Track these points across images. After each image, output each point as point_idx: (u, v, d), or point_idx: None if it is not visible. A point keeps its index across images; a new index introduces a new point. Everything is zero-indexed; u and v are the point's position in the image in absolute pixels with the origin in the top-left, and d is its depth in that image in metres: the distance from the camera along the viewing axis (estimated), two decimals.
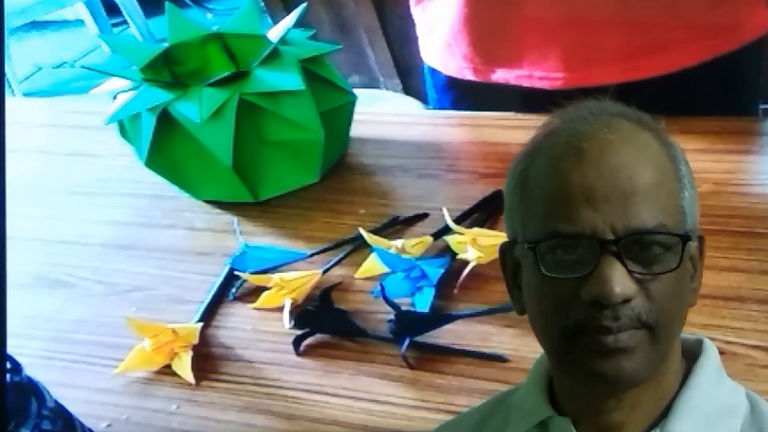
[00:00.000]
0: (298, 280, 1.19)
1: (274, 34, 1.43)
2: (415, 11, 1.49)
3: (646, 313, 0.61)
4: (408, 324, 1.09)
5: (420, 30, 1.51)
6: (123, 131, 1.42)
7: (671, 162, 0.64)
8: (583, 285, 0.61)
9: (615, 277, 0.60)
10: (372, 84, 2.53)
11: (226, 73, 1.37)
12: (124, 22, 3.99)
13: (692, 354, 0.69)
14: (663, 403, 0.66)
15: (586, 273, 0.61)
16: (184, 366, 1.10)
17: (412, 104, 2.03)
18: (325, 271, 1.22)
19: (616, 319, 0.60)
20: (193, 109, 1.31)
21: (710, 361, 0.68)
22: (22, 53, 3.94)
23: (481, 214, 1.26)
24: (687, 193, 0.64)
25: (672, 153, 0.65)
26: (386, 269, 1.18)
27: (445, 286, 1.15)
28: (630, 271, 0.60)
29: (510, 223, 0.67)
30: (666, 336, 0.63)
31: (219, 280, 1.23)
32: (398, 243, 1.21)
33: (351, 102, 1.45)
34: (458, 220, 1.23)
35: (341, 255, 1.24)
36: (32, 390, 0.87)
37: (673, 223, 0.62)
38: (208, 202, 1.41)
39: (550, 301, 0.63)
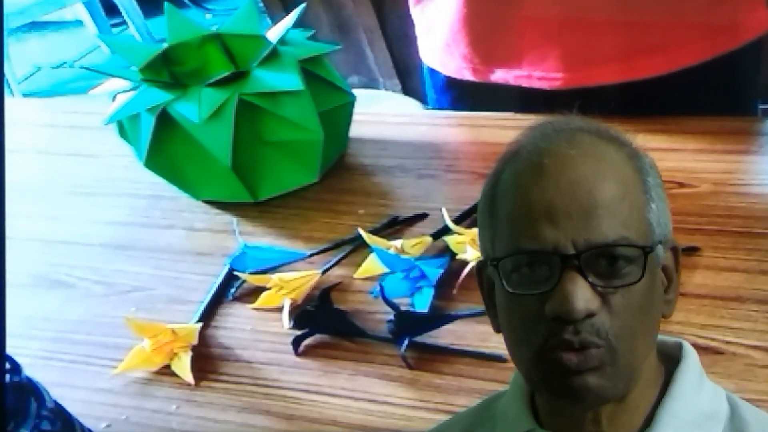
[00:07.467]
0: (297, 281, 1.19)
1: (274, 34, 1.43)
2: (415, 11, 1.49)
3: (606, 329, 0.60)
4: (407, 324, 1.09)
5: (419, 30, 1.51)
6: (122, 131, 1.42)
7: (637, 174, 0.63)
8: (547, 301, 0.60)
9: (576, 293, 0.59)
10: (371, 84, 2.53)
11: (225, 74, 1.37)
12: (123, 22, 3.99)
13: (672, 358, 0.68)
14: (643, 414, 0.65)
15: (549, 289, 0.60)
16: (183, 366, 1.10)
17: (411, 104, 2.03)
18: (324, 272, 1.22)
19: (577, 333, 0.60)
20: (192, 109, 1.31)
21: (690, 368, 0.67)
22: (21, 53, 3.93)
23: None
24: (654, 205, 0.64)
25: (639, 165, 0.64)
26: (386, 269, 1.18)
27: (444, 286, 1.15)
28: (592, 285, 0.60)
29: (482, 242, 0.67)
30: (629, 351, 0.62)
31: (218, 281, 1.23)
32: (398, 243, 1.21)
33: (350, 102, 1.45)
34: (457, 220, 1.23)
35: (340, 255, 1.24)
36: (31, 390, 0.87)
37: (636, 235, 0.61)
38: (207, 202, 1.41)
39: (517, 318, 0.63)
